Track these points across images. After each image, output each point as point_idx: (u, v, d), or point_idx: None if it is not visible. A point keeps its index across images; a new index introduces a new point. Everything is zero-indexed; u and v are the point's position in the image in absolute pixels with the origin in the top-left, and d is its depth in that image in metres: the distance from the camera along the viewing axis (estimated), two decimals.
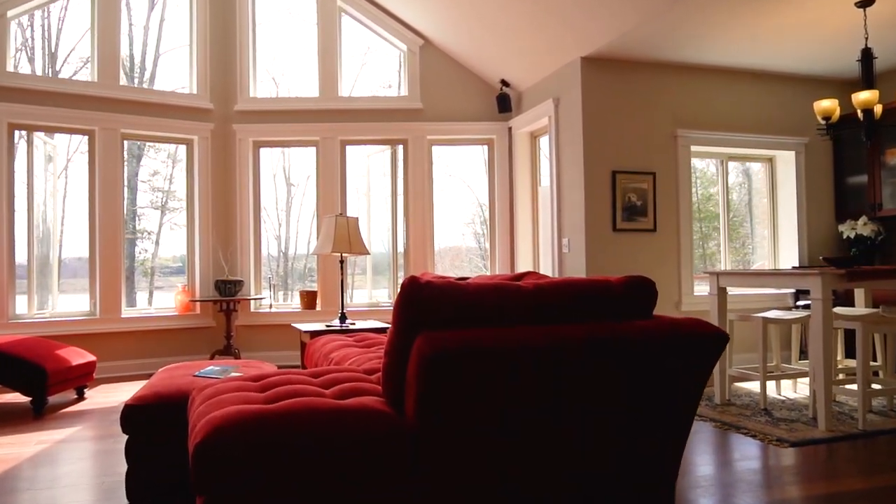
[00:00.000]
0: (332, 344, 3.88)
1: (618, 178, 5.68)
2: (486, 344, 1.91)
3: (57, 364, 4.69)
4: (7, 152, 5.86)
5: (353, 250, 4.94)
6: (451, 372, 1.88)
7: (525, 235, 6.85)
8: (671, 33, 5.10)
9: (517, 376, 1.96)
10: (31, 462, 3.46)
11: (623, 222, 5.69)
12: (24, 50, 10.74)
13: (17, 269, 5.98)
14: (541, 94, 6.34)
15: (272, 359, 6.69)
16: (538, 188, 6.85)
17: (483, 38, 6.30)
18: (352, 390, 2.20)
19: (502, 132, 6.98)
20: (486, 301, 2.03)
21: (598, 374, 2.05)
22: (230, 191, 6.82)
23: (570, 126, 5.81)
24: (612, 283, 2.26)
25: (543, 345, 1.96)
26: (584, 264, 5.57)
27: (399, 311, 1.98)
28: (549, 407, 2.03)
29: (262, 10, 7.17)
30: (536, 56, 6.03)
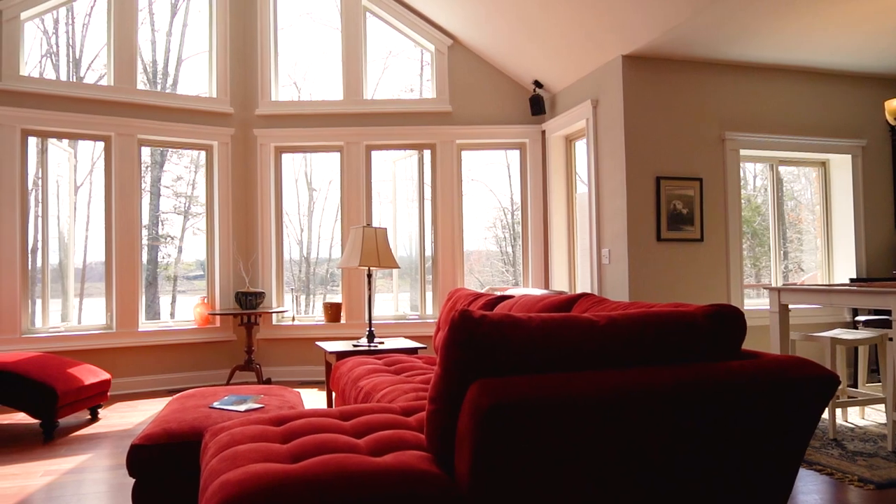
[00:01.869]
0: (361, 369, 3.55)
1: (662, 184, 5.31)
2: (557, 393, 1.58)
3: (68, 384, 4.42)
4: (20, 159, 5.63)
5: (382, 264, 4.62)
6: (515, 427, 1.55)
7: (560, 245, 6.49)
8: (719, 29, 4.72)
9: (593, 431, 1.62)
10: (34, 501, 3.17)
11: (668, 231, 5.32)
12: (48, 57, 10.65)
13: (31, 281, 5.75)
14: (577, 96, 5.99)
15: (295, 374, 6.40)
16: (574, 195, 6.49)
17: (515, 36, 5.96)
18: (389, 441, 1.87)
19: (535, 136, 6.64)
20: (552, 339, 1.69)
21: (686, 426, 1.70)
22: (251, 199, 6.55)
23: (609, 129, 5.46)
24: (695, 314, 1.91)
25: (626, 394, 1.62)
26: (627, 276, 5.21)
27: (449, 352, 1.65)
28: (629, 465, 1.68)
29: (283, 13, 6.90)
30: (573, 55, 5.68)
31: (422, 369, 3.55)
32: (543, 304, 2.88)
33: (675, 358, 1.83)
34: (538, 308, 2.89)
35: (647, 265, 5.24)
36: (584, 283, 6.14)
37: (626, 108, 5.26)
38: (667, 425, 1.68)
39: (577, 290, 6.46)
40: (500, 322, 1.66)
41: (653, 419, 1.67)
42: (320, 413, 2.18)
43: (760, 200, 6.70)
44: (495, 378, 1.61)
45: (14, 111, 5.56)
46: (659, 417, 1.67)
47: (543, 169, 6.63)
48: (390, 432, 1.94)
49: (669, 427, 1.69)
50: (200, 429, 2.49)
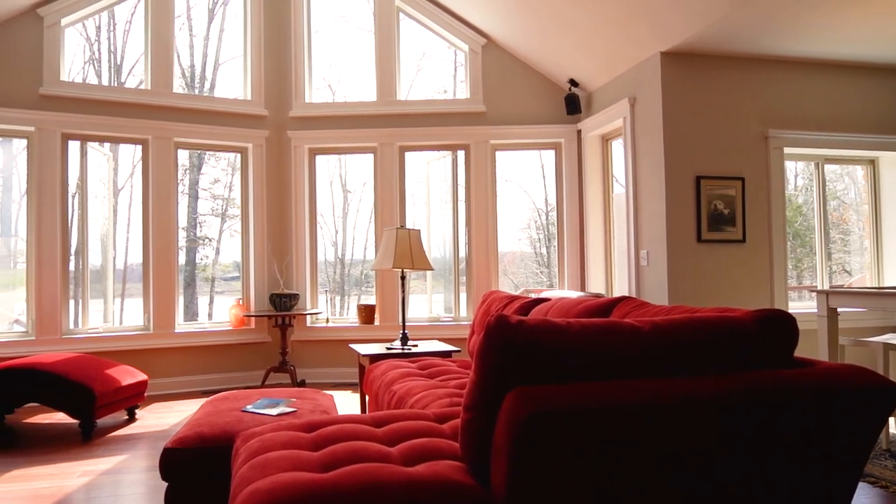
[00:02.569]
0: (395, 372, 3.51)
1: (702, 183, 5.17)
2: (599, 403, 1.50)
3: (106, 385, 4.47)
4: (61, 162, 5.72)
5: (416, 266, 4.57)
6: (554, 437, 1.48)
7: (596, 247, 6.37)
8: (762, 23, 4.57)
9: (635, 443, 1.54)
10: (70, 501, 3.19)
11: (708, 232, 5.17)
12: (91, 63, 10.88)
13: (74, 283, 5.85)
14: (614, 94, 5.86)
15: (329, 376, 6.39)
16: (611, 195, 6.36)
17: (550, 34, 5.87)
18: (423, 449, 1.81)
19: (571, 135, 6.53)
20: (593, 346, 1.61)
21: (735, 439, 1.61)
22: (285, 200, 6.56)
23: (647, 128, 5.33)
24: (743, 320, 1.81)
25: (671, 405, 1.54)
26: (666, 278, 5.08)
27: (484, 358, 1.59)
28: (672, 479, 1.60)
29: (317, 17, 6.92)
30: (609, 53, 5.57)
31: (456, 373, 3.48)
32: (581, 308, 2.79)
33: (723, 366, 1.74)
34: (576, 312, 2.81)
35: (687, 267, 5.10)
36: (622, 285, 6.02)
37: (664, 106, 5.13)
38: (714, 438, 1.59)
39: (613, 292, 6.33)
40: (538, 328, 1.59)
41: (699, 431, 1.58)
42: (352, 419, 2.13)
43: (801, 200, 6.50)
44: (533, 386, 1.55)
45: (55, 115, 5.66)
46: (706, 429, 1.59)
47: (579, 169, 6.52)
48: (424, 440, 1.88)
49: (717, 440, 1.60)
50: (232, 433, 2.46)
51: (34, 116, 5.59)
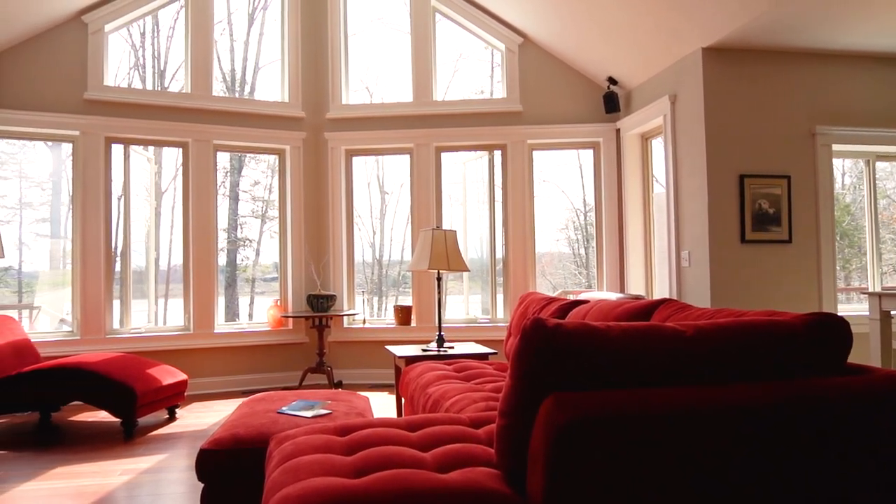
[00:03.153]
0: (430, 375, 3.47)
1: (746, 182, 5.02)
2: (640, 410, 1.44)
3: (147, 384, 4.53)
4: (105, 166, 5.84)
5: (452, 267, 4.54)
6: (593, 445, 1.43)
7: (636, 247, 6.25)
8: (808, 15, 4.41)
9: (678, 451, 1.47)
10: (109, 501, 3.24)
11: (753, 232, 5.02)
12: (136, 69, 11.14)
13: (120, 283, 5.96)
14: (654, 92, 5.75)
15: (366, 377, 6.40)
16: (651, 195, 6.23)
17: (588, 32, 5.78)
18: (457, 455, 1.77)
19: (609, 134, 6.42)
20: (634, 351, 1.55)
21: (784, 449, 1.53)
22: (322, 201, 6.60)
23: (689, 126, 5.20)
24: (793, 324, 1.73)
25: (717, 412, 1.47)
26: (708, 280, 4.95)
27: (521, 363, 1.54)
28: (717, 489, 1.53)
29: (355, 19, 6.95)
30: (649, 49, 5.46)
31: (492, 376, 3.44)
32: (620, 310, 2.72)
33: (771, 373, 1.66)
34: (615, 315, 2.74)
35: (730, 268, 4.96)
36: (662, 286, 5.89)
37: (706, 103, 5.00)
38: (762, 448, 1.52)
39: (654, 294, 6.20)
40: (577, 332, 1.54)
41: (746, 441, 1.51)
42: (386, 423, 2.10)
43: (849, 199, 6.28)
44: (571, 392, 1.49)
45: (98, 120, 5.78)
46: (753, 439, 1.51)
47: (618, 168, 6.40)
48: (458, 446, 1.84)
49: (764, 450, 1.52)
50: (267, 435, 2.45)
51: (79, 121, 5.72)
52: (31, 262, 11.19)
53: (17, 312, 9.18)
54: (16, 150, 10.44)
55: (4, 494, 3.32)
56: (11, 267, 10.60)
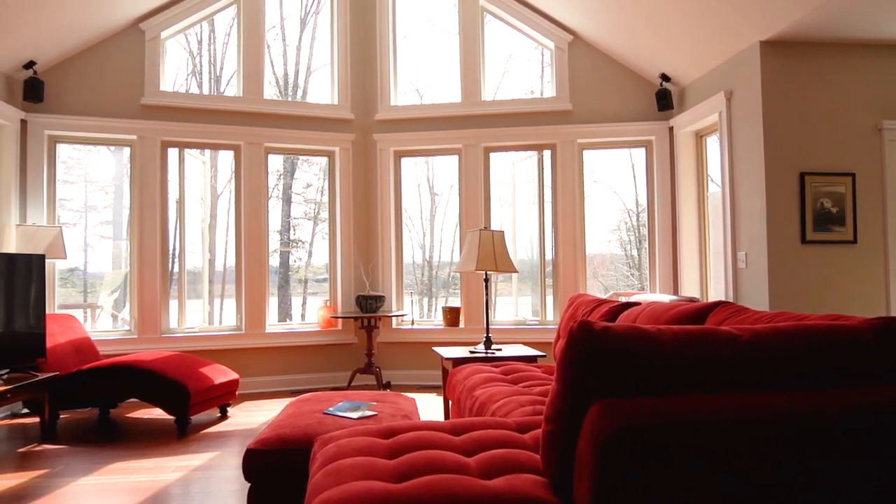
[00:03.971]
0: (477, 377, 3.43)
1: (807, 180, 4.82)
2: (693, 419, 1.37)
3: (199, 383, 4.62)
4: (161, 169, 5.99)
5: (500, 268, 4.49)
6: (642, 454, 1.36)
7: (690, 248, 6.08)
8: (872, 4, 4.19)
9: (733, 462, 1.40)
10: (162, 497, 3.30)
11: (814, 233, 4.82)
12: (193, 75, 11.45)
13: (179, 284, 6.11)
14: (708, 88, 5.58)
15: (414, 378, 6.39)
16: (706, 194, 6.06)
17: (640, 28, 5.65)
18: (502, 461, 1.73)
19: (662, 133, 6.27)
20: (687, 356, 1.48)
21: (848, 462, 1.44)
22: (371, 202, 6.63)
23: (746, 122, 5.03)
24: (860, 329, 1.63)
25: (775, 422, 1.39)
26: (766, 282, 4.77)
27: (567, 368, 1.49)
28: (770, 502, 1.44)
29: (404, 22, 6.98)
30: (703, 44, 5.30)
31: (540, 379, 3.37)
32: (673, 313, 2.63)
33: (835, 380, 1.57)
34: (667, 318, 2.65)
35: (790, 270, 4.77)
36: (718, 288, 5.72)
37: (764, 98, 4.83)
38: (824, 460, 1.43)
39: (709, 296, 6.02)
40: (626, 335, 1.48)
41: (807, 452, 1.42)
42: (430, 426, 2.07)
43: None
44: (620, 399, 1.43)
45: (154, 124, 5.93)
46: (815, 451, 1.42)
47: (671, 167, 6.24)
48: (503, 451, 1.79)
49: (827, 462, 1.43)
50: (313, 435, 2.45)
51: (136, 125, 5.88)
52: (95, 263, 11.62)
53: (81, 311, 9.53)
54: (81, 154, 10.86)
55: (64, 488, 3.42)
56: (77, 268, 11.02)
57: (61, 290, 9.01)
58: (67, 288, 10.65)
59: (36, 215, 5.55)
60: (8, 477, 3.61)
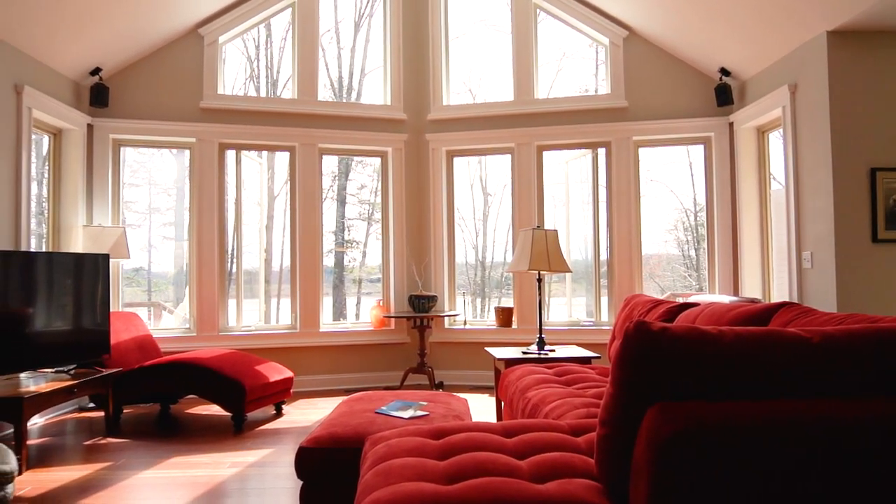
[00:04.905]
0: (530, 378, 3.38)
1: (879, 176, 4.59)
2: (756, 424, 1.31)
3: (255, 380, 4.70)
4: (218, 171, 6.12)
5: (553, 268, 4.42)
6: (702, 460, 1.30)
7: (751, 248, 5.88)
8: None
9: (799, 470, 1.32)
10: (219, 492, 3.36)
11: (886, 231, 4.59)
12: (251, 79, 11.71)
13: (240, 284, 6.24)
14: (771, 82, 5.38)
15: (466, 378, 6.37)
16: (768, 192, 5.84)
17: (698, 20, 5.49)
18: (555, 465, 1.68)
19: (721, 129, 6.08)
20: (750, 359, 1.41)
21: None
22: (424, 202, 6.64)
23: (811, 116, 4.83)
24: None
25: (846, 429, 1.31)
26: (834, 283, 4.56)
27: (623, 369, 1.43)
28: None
29: (457, 22, 6.98)
30: (765, 36, 5.11)
31: (595, 381, 3.30)
32: (735, 314, 2.53)
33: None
34: (728, 319, 2.55)
35: (860, 270, 4.55)
36: (781, 289, 5.51)
37: (831, 91, 4.62)
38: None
39: (771, 297, 5.81)
40: (685, 336, 1.42)
41: (882, 463, 1.33)
42: (481, 427, 2.04)
43: None
44: (678, 402, 1.38)
45: (212, 127, 6.07)
46: (892, 462, 1.34)
47: (731, 164, 6.05)
48: (556, 454, 1.75)
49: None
50: (364, 434, 2.45)
51: (195, 128, 6.03)
52: (158, 262, 12.02)
53: (145, 310, 9.85)
54: (145, 158, 11.23)
55: (126, 481, 3.52)
56: (142, 267, 11.41)
57: (127, 289, 9.32)
58: (132, 287, 11.02)
59: (101, 216, 5.75)
60: (75, 468, 3.74)
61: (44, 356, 4.34)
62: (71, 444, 4.35)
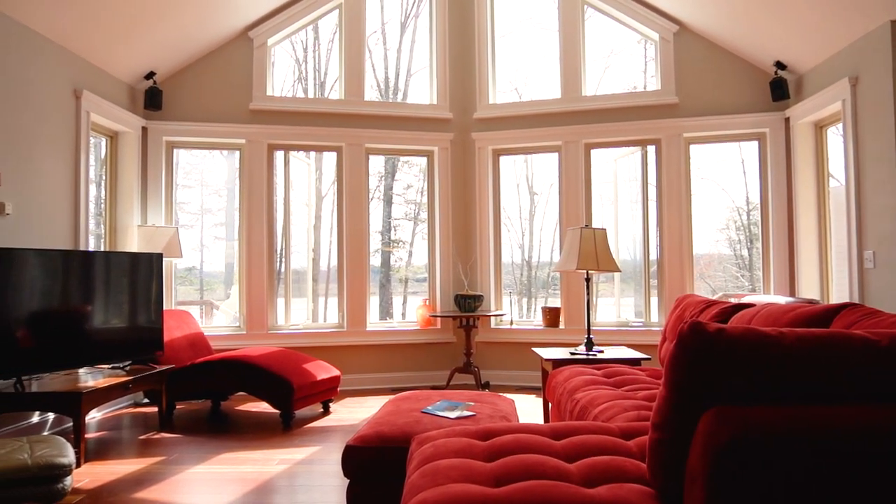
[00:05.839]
0: (578, 379, 3.33)
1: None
2: (820, 431, 1.24)
3: (303, 378, 4.75)
4: (267, 171, 6.21)
5: (601, 267, 4.35)
6: (761, 467, 1.25)
7: (809, 247, 5.68)
8: None
9: (866, 480, 1.25)
10: (268, 488, 3.40)
11: None
12: (299, 81, 11.88)
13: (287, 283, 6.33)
14: (830, 75, 5.19)
15: (513, 378, 6.32)
16: (827, 189, 5.64)
17: (753, 12, 5.32)
18: (606, 469, 1.64)
19: (777, 124, 5.89)
20: (813, 362, 1.35)
21: None
22: (470, 201, 6.62)
23: (874, 110, 4.63)
24: None
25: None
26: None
27: (677, 371, 1.39)
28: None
29: (503, 21, 6.94)
30: (824, 27, 4.93)
31: (645, 383, 3.23)
32: (793, 315, 2.44)
33: None
34: (786, 320, 2.46)
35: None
36: (840, 290, 5.31)
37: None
38: None
39: (830, 298, 5.60)
40: (742, 338, 1.36)
41: None
42: (529, 429, 2.01)
43: None
44: (736, 406, 1.32)
45: (261, 128, 6.16)
46: None
47: (787, 160, 5.86)
48: (607, 458, 1.71)
49: None
50: (410, 434, 2.45)
51: (245, 130, 6.13)
52: (210, 262, 12.30)
53: (197, 308, 10.09)
54: (197, 160, 11.51)
55: (179, 475, 3.59)
56: (194, 267, 11.71)
57: (180, 287, 9.57)
58: (185, 286, 11.30)
59: (155, 217, 5.89)
60: (130, 462, 3.84)
61: (101, 352, 4.47)
62: (126, 438, 4.47)
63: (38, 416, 4.46)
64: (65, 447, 2.67)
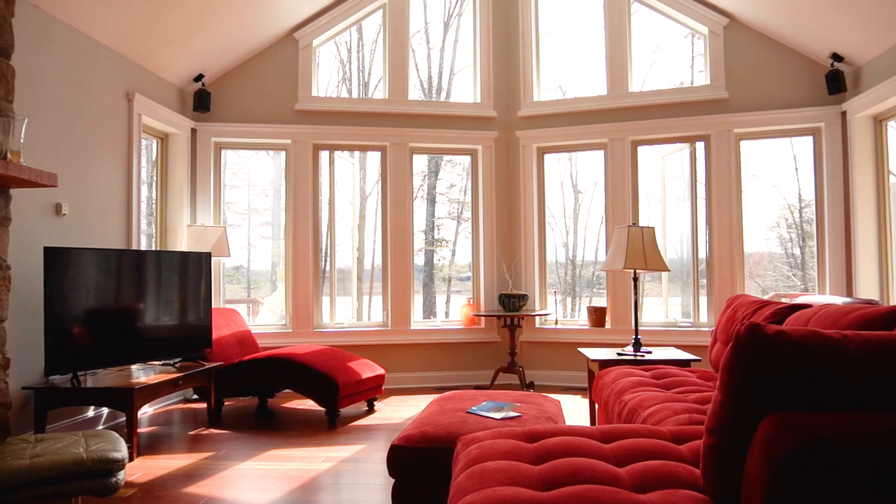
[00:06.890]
0: (626, 381, 3.26)
1: None
2: (887, 439, 1.18)
3: (348, 377, 4.78)
4: (313, 171, 6.28)
5: (650, 266, 4.26)
6: (826, 476, 1.19)
7: (867, 246, 5.47)
8: None
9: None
10: (313, 485, 3.43)
11: None
12: (343, 82, 11.99)
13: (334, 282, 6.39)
14: (890, 66, 4.98)
15: (558, 379, 6.26)
16: (887, 185, 5.42)
17: (807, 4, 5.15)
18: (657, 474, 1.59)
19: (833, 118, 5.69)
20: (880, 366, 1.28)
21: None
22: (514, 200, 6.57)
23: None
24: None
25: None
26: None
27: (733, 375, 1.34)
28: None
29: (547, 18, 6.86)
30: (883, 16, 4.73)
31: (695, 386, 3.15)
32: (854, 317, 2.34)
33: None
34: (847, 322, 2.36)
35: None
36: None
37: None
38: None
39: (890, 299, 5.39)
40: (803, 341, 1.30)
41: None
42: (578, 431, 1.97)
43: None
44: (797, 413, 1.27)
45: (306, 128, 6.23)
46: None
47: (844, 155, 5.65)
48: (658, 463, 1.66)
49: None
50: (456, 434, 2.43)
51: (290, 130, 6.21)
52: (256, 261, 12.51)
53: (244, 306, 10.26)
54: (245, 160, 11.70)
55: (227, 471, 3.65)
56: (241, 266, 11.92)
57: (228, 286, 9.75)
58: (233, 284, 11.50)
59: (204, 216, 6.01)
60: (181, 457, 3.92)
61: (152, 349, 4.57)
62: (176, 433, 4.57)
63: (93, 411, 4.58)
64: (118, 442, 2.73)
